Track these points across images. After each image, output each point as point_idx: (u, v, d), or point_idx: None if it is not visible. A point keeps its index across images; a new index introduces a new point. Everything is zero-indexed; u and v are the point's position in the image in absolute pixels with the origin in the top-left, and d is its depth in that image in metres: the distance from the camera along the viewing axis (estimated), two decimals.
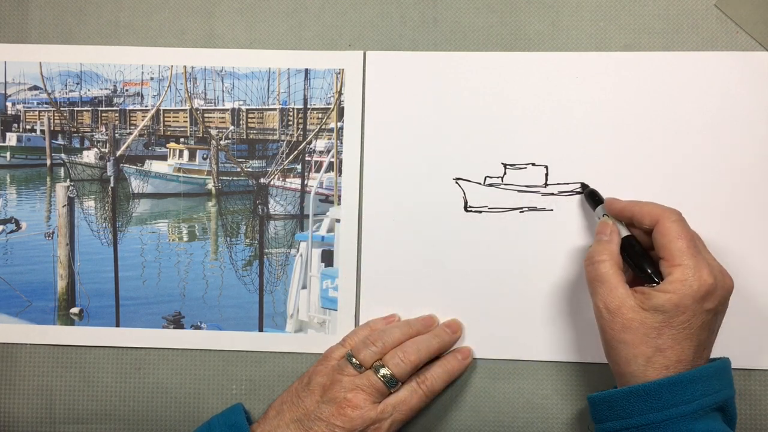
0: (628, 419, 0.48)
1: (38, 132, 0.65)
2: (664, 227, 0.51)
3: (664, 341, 0.48)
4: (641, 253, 0.53)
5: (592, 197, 0.59)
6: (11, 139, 0.65)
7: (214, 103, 0.64)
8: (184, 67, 0.64)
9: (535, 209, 0.61)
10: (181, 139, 0.65)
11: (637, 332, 0.48)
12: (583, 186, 0.60)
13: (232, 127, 0.64)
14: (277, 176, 0.64)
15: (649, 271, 0.52)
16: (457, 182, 0.62)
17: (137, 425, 0.62)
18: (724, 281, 0.50)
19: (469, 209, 0.62)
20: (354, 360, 0.56)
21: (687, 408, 0.47)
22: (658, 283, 0.50)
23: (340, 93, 0.63)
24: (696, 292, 0.48)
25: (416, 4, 0.63)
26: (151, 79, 0.64)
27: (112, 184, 0.65)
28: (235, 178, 0.64)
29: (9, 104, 0.65)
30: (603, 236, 0.54)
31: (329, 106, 0.63)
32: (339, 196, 0.63)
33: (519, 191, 0.61)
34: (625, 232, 0.54)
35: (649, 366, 0.48)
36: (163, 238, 0.64)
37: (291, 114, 0.64)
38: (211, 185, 0.64)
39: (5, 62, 0.64)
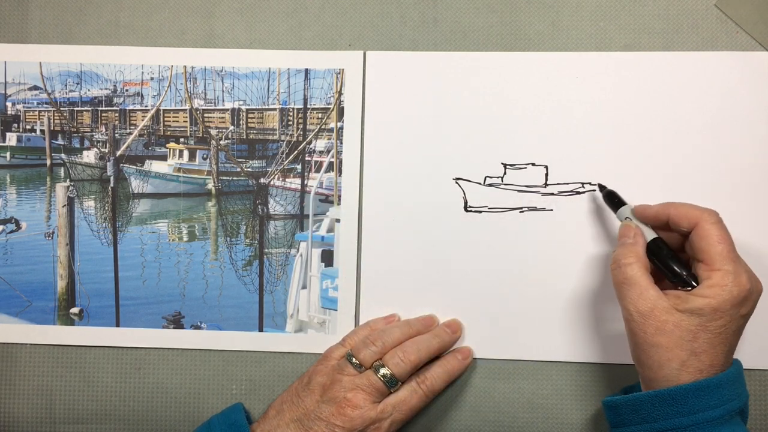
0: (653, 423, 0.48)
1: (38, 132, 0.65)
2: (704, 230, 0.50)
3: (699, 345, 0.47)
4: (671, 255, 0.52)
5: (610, 198, 0.58)
6: (11, 139, 0.65)
7: (214, 103, 0.64)
8: (184, 67, 0.64)
9: (535, 209, 0.61)
10: (181, 139, 0.65)
11: (672, 335, 0.47)
12: (601, 187, 0.59)
13: (232, 127, 0.64)
14: (277, 176, 0.64)
15: (684, 273, 0.50)
16: (457, 182, 0.62)
17: (137, 425, 0.62)
18: (758, 286, 0.50)
19: (469, 209, 0.62)
20: (354, 360, 0.56)
21: (714, 413, 0.47)
22: (693, 286, 0.49)
23: (340, 93, 0.63)
24: (735, 298, 0.47)
25: (416, 4, 0.63)
26: (151, 79, 0.64)
27: (112, 184, 0.65)
28: (235, 178, 0.64)
29: (9, 104, 0.65)
30: (627, 239, 0.53)
31: (329, 106, 0.63)
32: (339, 196, 0.63)
33: (519, 191, 0.61)
34: (651, 235, 0.53)
35: (683, 370, 0.47)
36: (163, 238, 0.64)
37: (291, 114, 0.64)
38: (211, 185, 0.64)
39: (5, 62, 0.64)
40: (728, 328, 0.48)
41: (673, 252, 0.52)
